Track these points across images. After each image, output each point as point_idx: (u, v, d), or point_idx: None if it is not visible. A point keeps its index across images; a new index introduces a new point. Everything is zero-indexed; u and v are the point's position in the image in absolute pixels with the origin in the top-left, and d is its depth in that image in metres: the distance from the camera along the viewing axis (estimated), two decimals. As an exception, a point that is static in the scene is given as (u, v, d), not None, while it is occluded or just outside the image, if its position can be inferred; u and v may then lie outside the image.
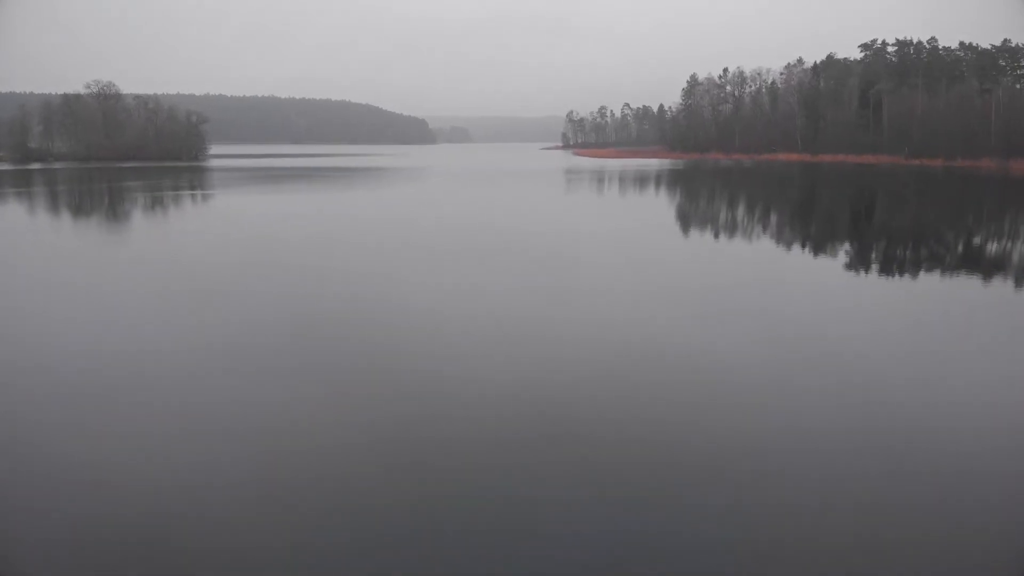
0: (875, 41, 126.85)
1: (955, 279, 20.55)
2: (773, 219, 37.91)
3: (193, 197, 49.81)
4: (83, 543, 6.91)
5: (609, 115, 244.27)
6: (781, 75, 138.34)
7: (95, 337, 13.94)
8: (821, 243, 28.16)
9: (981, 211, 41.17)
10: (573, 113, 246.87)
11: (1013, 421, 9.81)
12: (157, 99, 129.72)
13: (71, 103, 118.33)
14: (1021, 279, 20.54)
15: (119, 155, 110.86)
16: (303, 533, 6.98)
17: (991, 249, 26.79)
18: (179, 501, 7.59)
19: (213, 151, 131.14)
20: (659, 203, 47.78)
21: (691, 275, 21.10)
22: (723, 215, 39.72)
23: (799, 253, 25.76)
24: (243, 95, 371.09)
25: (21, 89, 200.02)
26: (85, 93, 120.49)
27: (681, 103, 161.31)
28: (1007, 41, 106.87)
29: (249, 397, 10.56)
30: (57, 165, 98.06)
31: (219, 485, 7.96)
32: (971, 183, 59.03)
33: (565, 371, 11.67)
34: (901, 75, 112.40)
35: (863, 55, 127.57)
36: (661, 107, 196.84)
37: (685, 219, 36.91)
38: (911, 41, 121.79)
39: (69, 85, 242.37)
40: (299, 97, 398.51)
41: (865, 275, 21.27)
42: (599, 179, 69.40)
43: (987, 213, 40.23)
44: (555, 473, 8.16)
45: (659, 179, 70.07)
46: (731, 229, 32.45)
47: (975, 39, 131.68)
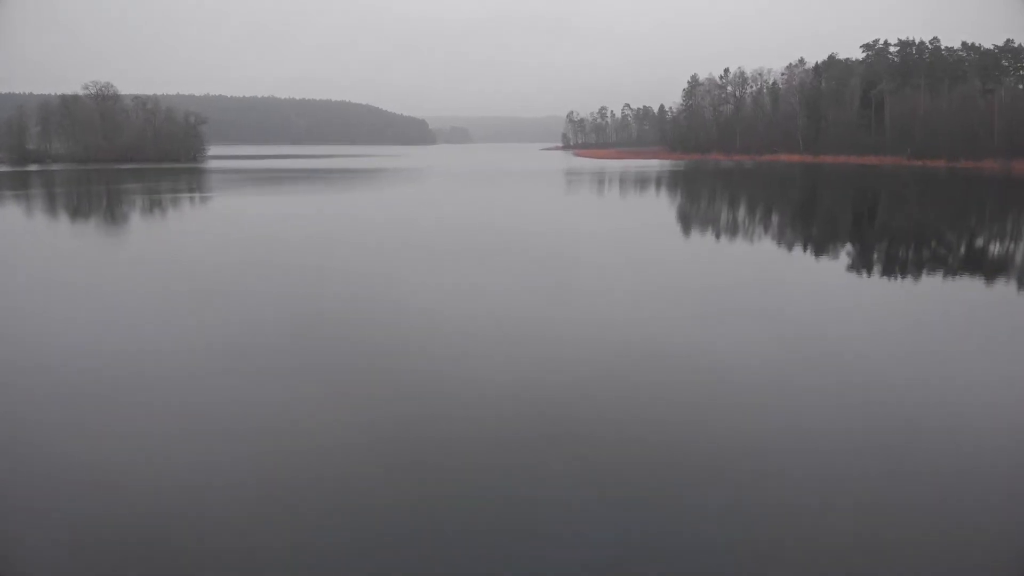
0: (877, 41, 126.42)
1: (955, 280, 20.53)
2: (774, 220, 37.91)
3: (192, 199, 49.80)
4: (83, 543, 6.92)
5: (609, 115, 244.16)
6: (782, 75, 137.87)
7: (95, 337, 13.96)
8: (822, 244, 28.14)
9: (983, 212, 41.13)
10: (573, 113, 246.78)
11: (1013, 421, 9.81)
12: (156, 100, 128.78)
13: (69, 104, 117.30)
14: (1021, 280, 20.55)
15: (117, 156, 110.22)
16: (303, 533, 6.99)
17: (992, 250, 26.77)
18: (179, 501, 7.60)
19: (212, 152, 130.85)
20: (660, 204, 47.77)
21: (691, 275, 21.10)
22: (724, 216, 39.72)
23: (799, 254, 25.75)
24: (243, 95, 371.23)
25: (20, 90, 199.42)
26: (83, 94, 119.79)
27: (682, 103, 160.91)
28: (1010, 41, 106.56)
29: (249, 397, 10.57)
30: (55, 167, 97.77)
31: (219, 485, 7.96)
32: (974, 184, 58.99)
33: (565, 371, 11.67)
34: (903, 75, 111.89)
35: (865, 55, 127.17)
36: (662, 107, 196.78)
37: (686, 220, 36.91)
38: (913, 41, 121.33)
39: (69, 86, 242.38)
40: (299, 97, 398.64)
41: (865, 276, 21.26)
42: (599, 180, 69.39)
43: (989, 214, 40.20)
44: (555, 473, 8.17)
45: (660, 180, 70.05)
46: (732, 230, 32.44)
47: (975, 39, 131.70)
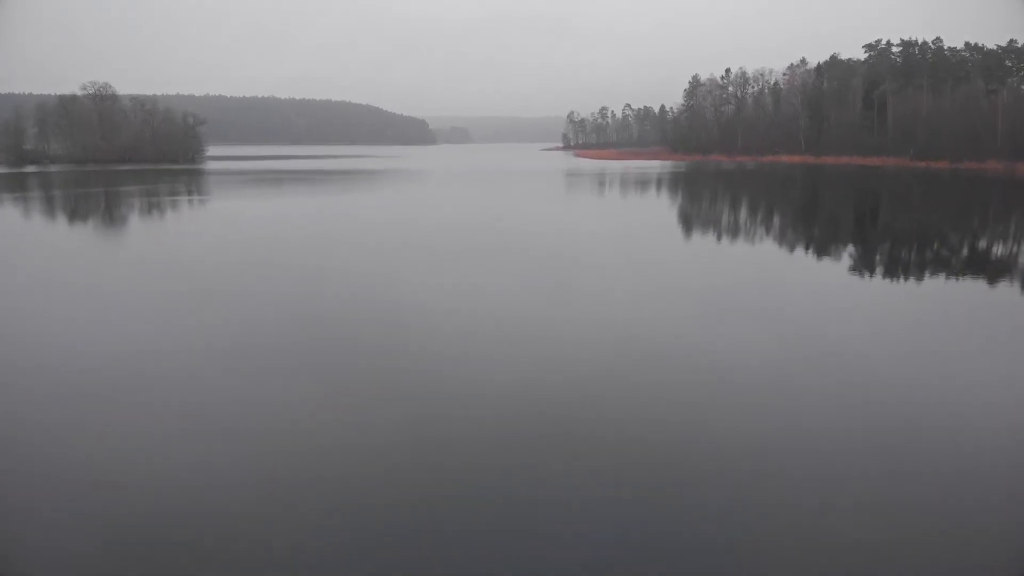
0: (879, 41, 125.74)
1: (956, 280, 20.51)
2: (775, 221, 37.89)
3: (191, 200, 49.80)
4: (83, 543, 6.92)
5: (610, 116, 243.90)
6: (784, 76, 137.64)
7: (95, 337, 13.96)
8: (822, 245, 28.14)
9: (986, 214, 41.07)
10: (574, 114, 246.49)
11: (1013, 421, 9.81)
12: (155, 100, 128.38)
13: (67, 104, 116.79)
14: (1021, 280, 20.53)
15: (115, 157, 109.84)
16: (303, 533, 6.99)
17: (992, 251, 26.74)
18: (179, 501, 7.60)
19: (211, 152, 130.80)
20: (660, 205, 47.72)
21: (691, 275, 21.09)
22: (725, 217, 39.70)
23: (800, 254, 25.74)
24: (243, 96, 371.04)
25: (20, 90, 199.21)
26: (81, 94, 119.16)
27: (683, 104, 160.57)
28: (1013, 42, 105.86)
29: (249, 397, 10.58)
30: (53, 168, 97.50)
31: (219, 485, 7.96)
32: (977, 185, 58.85)
33: (565, 371, 11.67)
34: (906, 76, 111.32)
35: (867, 55, 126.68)
36: (662, 108, 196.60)
37: (686, 220, 36.89)
38: (916, 41, 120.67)
39: (68, 86, 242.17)
40: (299, 98, 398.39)
41: (865, 276, 21.24)
42: (600, 181, 69.36)
43: (992, 216, 40.15)
44: (555, 473, 8.17)
45: (660, 181, 70.01)
46: (732, 230, 32.42)
47: (976, 39, 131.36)
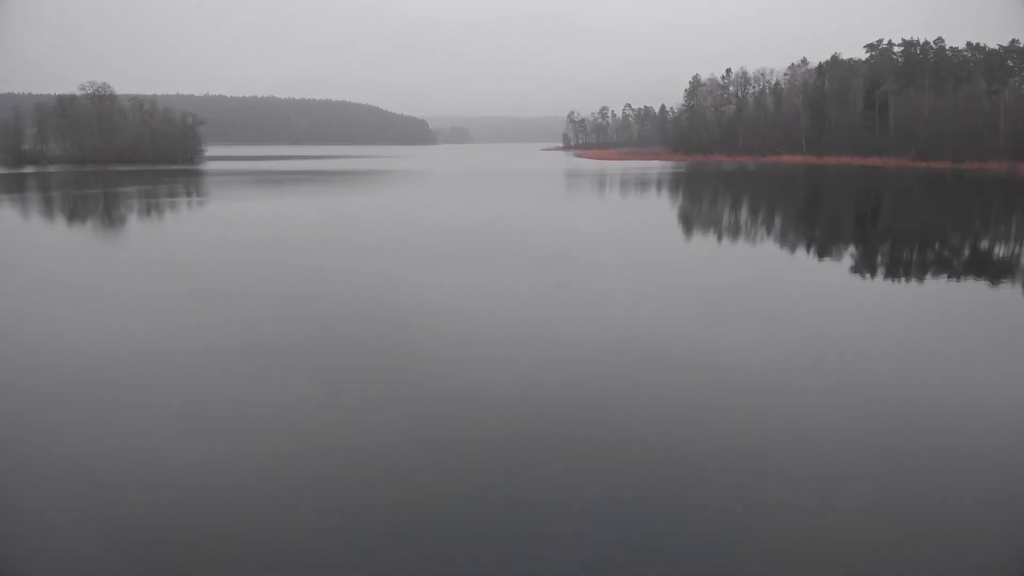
0: (881, 41, 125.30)
1: (956, 281, 20.51)
2: (776, 221, 37.89)
3: (191, 201, 49.79)
4: (83, 543, 6.92)
5: (610, 116, 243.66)
6: (785, 76, 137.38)
7: (95, 337, 13.96)
8: (823, 245, 28.14)
9: (988, 214, 41.04)
10: (574, 114, 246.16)
11: (1013, 421, 9.80)
12: (153, 100, 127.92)
13: (65, 105, 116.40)
14: (1021, 281, 20.53)
15: (114, 157, 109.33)
16: (303, 533, 6.99)
17: (993, 252, 26.74)
18: (179, 501, 7.60)
19: (211, 152, 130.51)
20: (660, 205, 47.72)
21: (692, 275, 21.09)
22: (725, 217, 39.69)
23: (801, 254, 25.75)
24: (243, 95, 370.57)
25: (20, 90, 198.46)
26: (80, 94, 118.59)
27: (684, 104, 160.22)
28: (1015, 42, 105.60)
29: (249, 397, 10.58)
30: (51, 168, 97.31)
31: (219, 485, 7.96)
32: (979, 186, 58.76)
33: (565, 371, 11.67)
34: (907, 76, 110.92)
35: (868, 55, 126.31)
36: (663, 108, 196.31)
37: (687, 221, 36.89)
38: (917, 41, 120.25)
39: (68, 86, 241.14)
40: (299, 97, 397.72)
41: (867, 277, 21.23)
42: (600, 182, 69.35)
43: (994, 216, 40.13)
44: (555, 473, 8.16)
45: (661, 182, 69.99)
46: (733, 231, 32.42)
47: (978, 39, 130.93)
